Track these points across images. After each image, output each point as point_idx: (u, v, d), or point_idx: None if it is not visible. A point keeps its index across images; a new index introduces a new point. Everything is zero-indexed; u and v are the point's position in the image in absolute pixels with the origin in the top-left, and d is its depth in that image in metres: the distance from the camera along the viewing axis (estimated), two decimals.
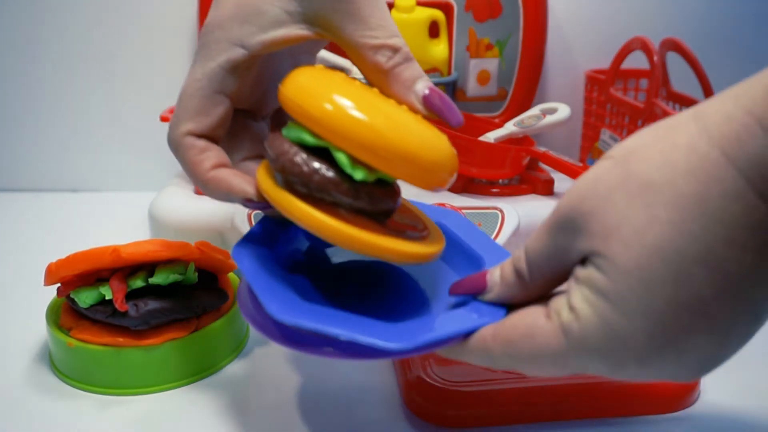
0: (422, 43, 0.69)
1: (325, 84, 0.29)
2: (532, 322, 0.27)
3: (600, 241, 0.24)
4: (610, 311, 0.24)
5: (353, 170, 0.29)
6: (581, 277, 0.25)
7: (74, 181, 0.80)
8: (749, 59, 0.81)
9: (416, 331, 0.28)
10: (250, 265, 0.31)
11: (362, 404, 0.39)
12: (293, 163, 0.29)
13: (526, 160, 0.61)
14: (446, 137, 0.31)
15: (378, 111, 0.28)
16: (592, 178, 0.25)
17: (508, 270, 0.29)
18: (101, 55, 0.76)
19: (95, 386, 0.40)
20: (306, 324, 0.27)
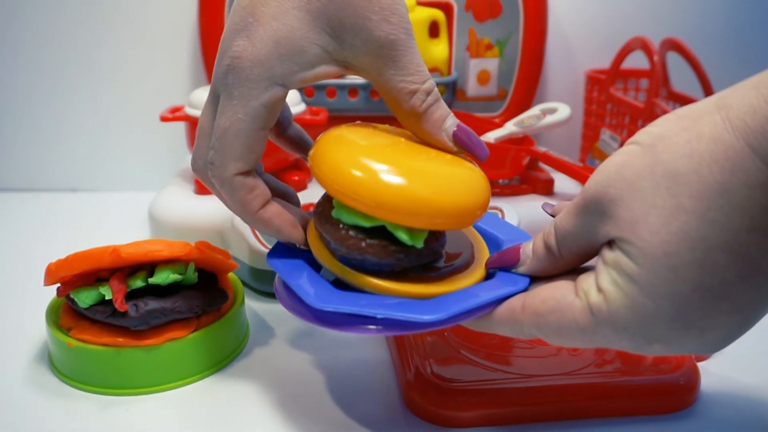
0: (422, 43, 0.68)
1: (362, 161, 0.30)
2: (562, 298, 0.28)
3: (627, 227, 0.25)
4: (638, 294, 0.25)
5: (414, 241, 0.31)
6: (609, 261, 0.27)
7: (74, 181, 0.80)
8: (749, 59, 0.81)
9: (448, 303, 0.30)
10: (284, 266, 0.34)
11: (362, 404, 0.39)
12: (359, 248, 0.31)
13: (526, 160, 0.61)
14: (479, 169, 0.33)
15: (421, 176, 0.30)
16: (619, 163, 0.26)
17: (539, 245, 0.31)
18: (101, 55, 0.76)
19: (95, 386, 0.40)
20: (344, 308, 0.29)
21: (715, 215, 0.23)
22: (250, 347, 0.45)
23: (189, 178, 0.63)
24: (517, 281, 0.31)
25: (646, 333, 0.26)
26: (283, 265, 0.34)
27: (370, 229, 0.31)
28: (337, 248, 0.32)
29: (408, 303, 0.30)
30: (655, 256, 0.25)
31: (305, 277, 0.33)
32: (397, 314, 0.29)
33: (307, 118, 0.61)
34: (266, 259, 0.35)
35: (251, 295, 0.53)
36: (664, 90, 0.74)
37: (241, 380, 0.42)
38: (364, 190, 0.29)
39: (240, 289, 0.46)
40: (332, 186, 0.30)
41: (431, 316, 0.29)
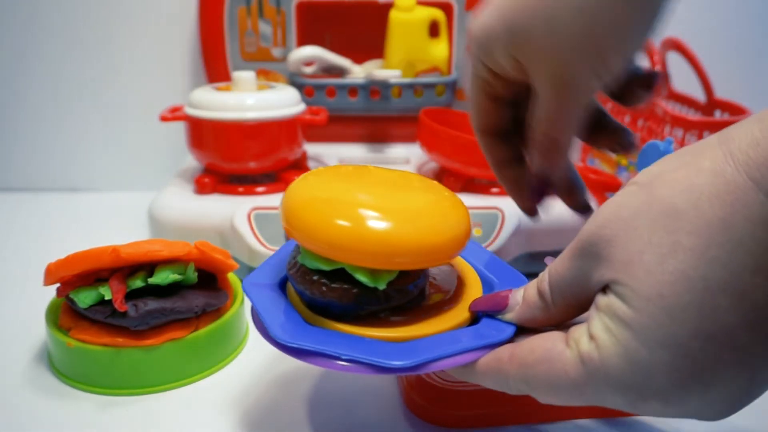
0: (422, 42, 0.68)
1: (317, 205, 0.30)
2: (551, 347, 0.26)
3: (622, 268, 0.24)
4: (632, 341, 0.23)
5: (377, 283, 0.30)
6: (602, 306, 0.25)
7: (74, 181, 0.80)
8: (750, 59, 0.81)
9: (419, 348, 0.29)
10: (259, 293, 0.33)
11: (362, 404, 0.39)
12: (321, 292, 0.30)
13: None
14: (458, 204, 0.32)
15: (380, 214, 0.29)
16: (615, 203, 0.25)
17: (532, 291, 0.29)
18: (101, 55, 0.76)
19: (94, 386, 0.40)
20: (308, 346, 0.28)
21: (716, 253, 0.22)
22: (250, 347, 0.45)
23: (189, 178, 0.63)
24: (503, 329, 0.29)
25: (641, 387, 0.23)
26: (258, 293, 0.33)
27: (333, 273, 0.30)
28: (302, 292, 0.31)
29: (378, 345, 0.29)
30: (649, 298, 0.23)
31: (278, 308, 0.32)
32: (362, 357, 0.28)
33: (307, 117, 0.61)
34: (242, 286, 0.34)
35: None
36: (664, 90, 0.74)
37: (241, 380, 0.41)
38: (317, 232, 0.29)
39: (240, 289, 0.46)
40: (291, 231, 0.30)
41: (400, 362, 0.27)
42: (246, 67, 0.71)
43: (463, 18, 0.71)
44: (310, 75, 0.69)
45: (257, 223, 0.53)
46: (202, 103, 0.58)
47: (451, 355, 0.28)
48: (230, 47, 0.71)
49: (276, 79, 0.72)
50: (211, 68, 0.72)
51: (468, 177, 0.59)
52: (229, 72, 0.71)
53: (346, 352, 0.28)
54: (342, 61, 0.70)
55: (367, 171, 0.34)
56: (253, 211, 0.54)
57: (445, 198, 0.32)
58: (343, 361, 0.28)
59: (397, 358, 0.28)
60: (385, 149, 0.74)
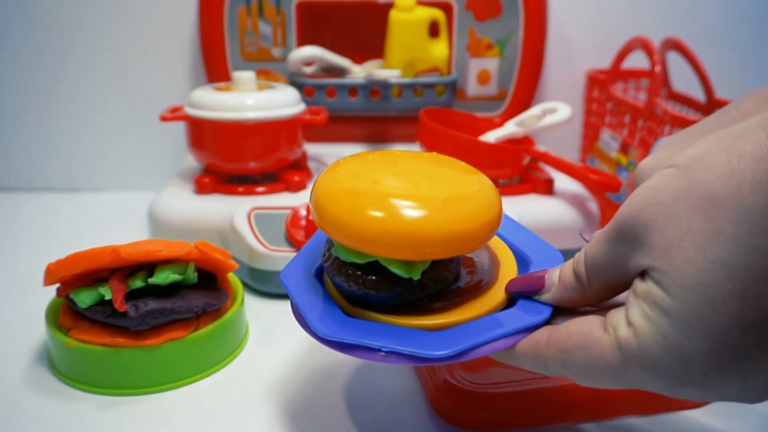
0: (422, 42, 0.68)
1: (346, 198, 0.29)
2: (589, 333, 0.26)
3: (660, 255, 0.23)
4: (671, 329, 0.23)
5: (411, 274, 0.30)
6: (640, 292, 0.24)
7: (74, 181, 0.80)
8: (750, 58, 0.81)
9: (459, 336, 0.29)
10: (295, 283, 0.33)
11: (362, 404, 0.39)
12: (357, 284, 0.30)
13: (526, 160, 0.61)
14: (487, 185, 0.31)
15: (408, 205, 0.28)
16: (653, 186, 0.24)
17: (568, 272, 0.29)
18: (101, 55, 0.76)
19: (94, 386, 0.40)
20: (346, 339, 0.28)
21: (758, 242, 0.21)
22: (250, 347, 0.45)
23: (189, 178, 0.63)
24: (540, 311, 0.29)
25: (679, 373, 0.23)
26: (295, 285, 0.33)
27: (367, 265, 0.30)
28: (339, 284, 0.31)
29: (418, 335, 0.29)
30: (689, 287, 0.22)
31: (316, 300, 0.32)
32: (402, 348, 0.28)
33: (307, 117, 0.61)
34: (280, 277, 0.34)
35: (251, 295, 0.53)
36: (664, 90, 0.74)
37: (241, 380, 0.41)
38: (348, 227, 0.29)
39: (240, 289, 0.46)
40: (323, 225, 0.30)
41: (440, 351, 0.28)
42: (246, 67, 0.71)
43: (463, 18, 0.71)
44: (310, 75, 0.69)
45: (257, 223, 0.53)
46: (202, 103, 0.58)
47: (489, 340, 0.28)
48: (230, 47, 0.71)
49: (276, 79, 0.72)
50: (211, 68, 0.72)
51: None
52: (229, 72, 0.71)
53: (386, 343, 0.28)
54: (342, 61, 0.70)
55: (394, 157, 0.34)
56: (253, 211, 0.54)
57: (474, 181, 0.31)
58: (383, 352, 0.28)
59: (437, 347, 0.28)
60: (385, 149, 0.73)
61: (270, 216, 0.54)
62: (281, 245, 0.52)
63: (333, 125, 0.69)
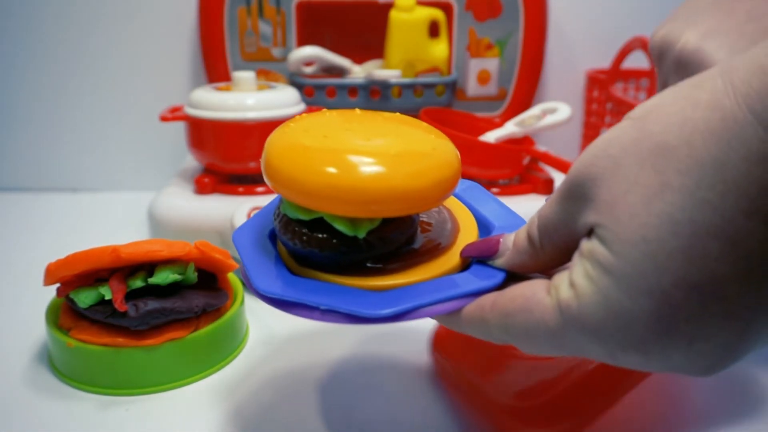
0: (422, 42, 0.68)
1: (292, 153, 0.28)
2: (531, 296, 0.25)
3: (605, 210, 0.22)
4: (612, 288, 0.21)
5: (356, 232, 0.29)
6: (584, 251, 0.23)
7: (74, 181, 0.80)
8: None
9: (405, 296, 0.27)
10: (246, 242, 0.32)
11: (361, 405, 0.39)
12: (302, 241, 0.29)
13: (526, 160, 0.61)
14: (446, 144, 0.30)
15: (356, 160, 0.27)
16: (605, 139, 0.23)
17: (522, 236, 0.27)
18: (101, 55, 0.76)
19: (95, 386, 0.40)
20: (285, 297, 0.27)
21: (707, 195, 0.20)
22: (250, 347, 0.45)
23: (189, 178, 0.63)
24: (492, 275, 0.28)
25: (620, 337, 0.22)
26: (245, 244, 0.32)
27: (313, 222, 0.29)
28: (286, 242, 0.30)
29: (361, 294, 0.28)
30: (632, 242, 0.21)
31: (264, 259, 0.31)
32: (340, 306, 0.27)
33: None
34: (232, 237, 0.33)
35: (251, 295, 0.53)
36: None
37: (241, 380, 0.41)
38: (291, 181, 0.28)
39: (240, 289, 0.46)
40: (269, 179, 0.29)
41: (381, 310, 0.26)
42: (246, 67, 0.71)
43: (463, 18, 0.71)
44: (310, 75, 0.69)
45: None
46: (202, 103, 0.58)
47: (434, 302, 0.27)
48: (230, 47, 0.71)
49: (276, 79, 0.72)
50: (211, 68, 0.72)
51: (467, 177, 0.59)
52: (229, 72, 0.71)
53: (327, 301, 0.27)
54: (342, 61, 0.70)
55: (353, 115, 0.32)
56: (253, 211, 0.54)
57: (431, 139, 0.30)
58: (321, 311, 0.27)
59: (378, 306, 0.27)
60: None
61: None
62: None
63: None
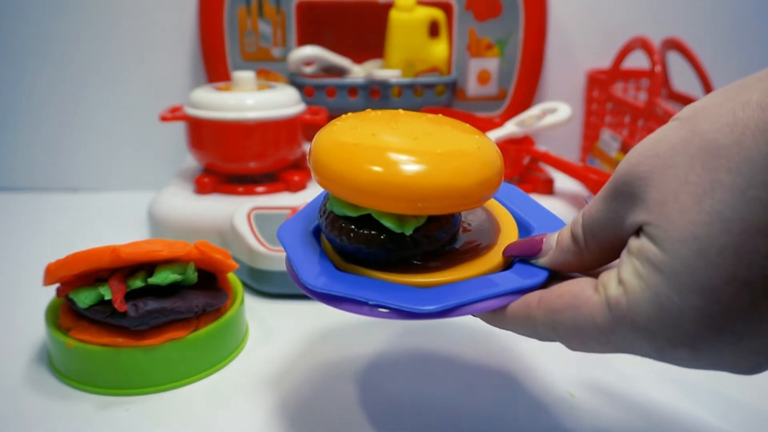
0: (422, 42, 0.68)
1: (341, 150, 0.29)
2: (579, 292, 0.25)
3: (655, 209, 0.22)
4: (662, 286, 0.22)
5: (404, 229, 0.29)
6: (633, 249, 0.23)
7: (74, 181, 0.80)
8: (750, 58, 0.81)
9: (450, 293, 0.28)
10: (291, 238, 0.33)
11: (360, 405, 0.39)
12: (349, 238, 0.30)
13: (526, 160, 0.61)
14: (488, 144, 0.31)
15: (403, 158, 0.28)
16: (654, 138, 0.23)
17: (565, 235, 0.28)
18: (101, 55, 0.76)
19: (94, 386, 0.40)
20: (334, 291, 0.28)
21: (758, 192, 0.20)
22: (250, 347, 0.45)
23: (189, 178, 0.63)
24: (535, 274, 0.28)
25: (669, 334, 0.22)
26: (291, 240, 0.33)
27: (360, 219, 0.30)
28: (332, 239, 0.31)
29: (408, 291, 0.28)
30: (683, 240, 0.21)
31: (310, 255, 0.32)
32: (389, 301, 0.27)
33: (307, 117, 0.61)
34: (277, 233, 0.34)
35: (251, 295, 0.53)
36: (664, 90, 0.74)
37: (241, 380, 0.41)
38: (340, 178, 0.28)
39: (240, 289, 0.46)
40: (317, 176, 0.30)
41: (428, 306, 0.27)
42: (246, 67, 0.71)
43: (463, 18, 0.71)
44: (310, 75, 0.69)
45: (257, 223, 0.53)
46: (202, 103, 0.58)
47: (480, 299, 0.28)
48: (230, 47, 0.71)
49: (276, 79, 0.72)
50: (211, 68, 0.72)
51: None
52: (229, 72, 0.71)
53: (375, 297, 0.27)
54: (342, 61, 0.70)
55: (397, 115, 0.33)
56: (253, 211, 0.54)
57: (475, 140, 0.30)
58: (370, 305, 0.28)
59: (426, 303, 0.27)
60: None
61: (270, 216, 0.54)
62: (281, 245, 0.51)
63: None
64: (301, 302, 0.51)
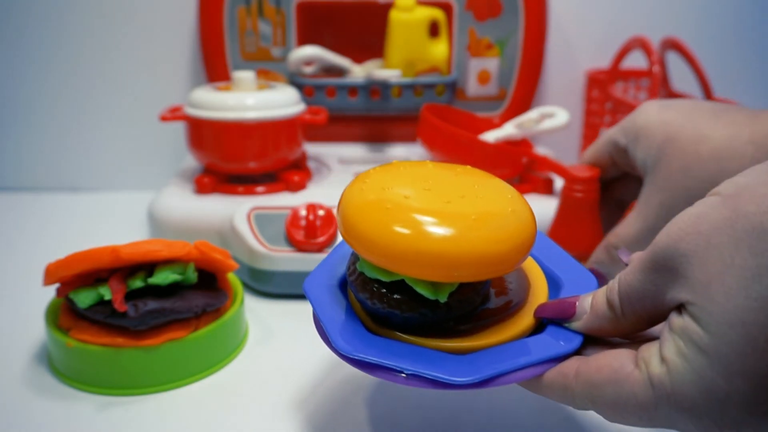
0: (422, 42, 0.68)
1: (372, 213, 0.28)
2: (620, 368, 0.25)
3: (700, 288, 0.22)
4: (708, 369, 0.22)
5: (438, 296, 0.29)
6: (676, 327, 0.23)
7: (74, 181, 0.80)
8: (749, 59, 0.81)
9: (484, 361, 0.28)
10: (319, 294, 0.32)
11: (360, 405, 0.39)
12: (382, 302, 0.29)
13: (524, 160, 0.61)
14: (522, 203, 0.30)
15: (437, 224, 0.27)
16: (694, 214, 0.23)
17: (601, 300, 0.27)
18: (101, 55, 0.75)
19: (94, 387, 0.40)
20: (368, 358, 0.28)
21: None
22: (250, 347, 0.45)
23: (189, 178, 0.63)
24: (569, 339, 0.28)
25: (715, 416, 0.22)
26: (319, 297, 0.32)
27: (393, 283, 0.29)
28: (363, 300, 0.30)
29: (442, 358, 0.28)
30: (729, 324, 0.21)
31: (339, 313, 0.31)
32: (425, 371, 0.27)
33: (307, 117, 0.61)
34: (303, 287, 0.33)
35: (251, 295, 0.53)
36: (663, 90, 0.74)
37: (241, 380, 0.42)
38: (373, 244, 0.27)
39: (240, 289, 0.46)
40: (348, 239, 0.29)
41: (464, 378, 0.26)
42: (246, 67, 0.71)
43: (463, 18, 0.71)
44: (310, 75, 0.69)
45: (257, 223, 0.53)
46: (202, 103, 0.58)
47: (515, 369, 0.27)
48: (230, 47, 0.71)
49: (276, 79, 0.72)
50: (211, 68, 0.72)
51: None
52: (229, 72, 0.71)
53: (409, 365, 0.27)
54: (342, 61, 0.70)
55: (426, 169, 0.32)
56: (253, 211, 0.54)
57: (509, 200, 0.30)
58: (405, 375, 0.27)
59: (461, 373, 0.27)
60: (385, 149, 0.74)
61: (270, 216, 0.54)
62: (281, 245, 0.52)
63: (333, 125, 0.69)
64: (301, 302, 0.52)
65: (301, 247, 0.51)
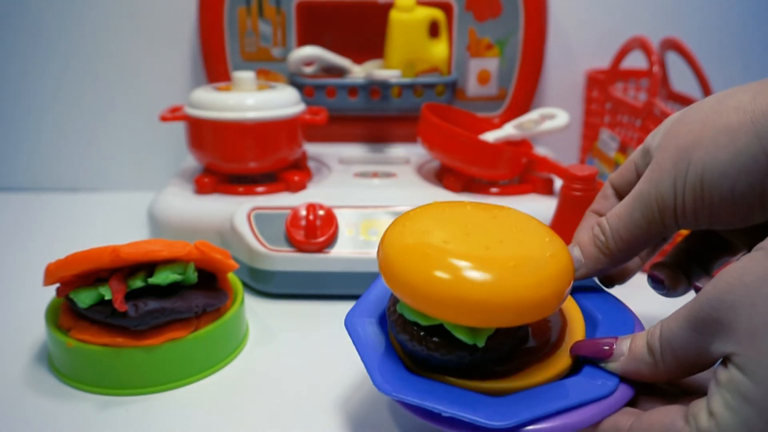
0: (422, 42, 0.68)
1: (412, 259, 0.29)
2: (671, 424, 0.25)
3: (745, 340, 0.23)
4: (755, 419, 0.22)
5: (476, 340, 0.29)
6: (722, 380, 0.24)
7: (73, 181, 0.80)
8: (749, 59, 0.81)
9: (523, 404, 0.28)
10: (360, 332, 0.33)
11: (359, 406, 0.39)
12: (420, 345, 0.30)
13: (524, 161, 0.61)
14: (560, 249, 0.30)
15: (476, 270, 0.28)
16: (740, 267, 0.24)
17: (640, 344, 0.28)
18: (101, 55, 0.76)
19: (94, 386, 0.40)
20: (407, 399, 0.28)
21: None
22: (250, 347, 0.45)
23: (189, 178, 0.63)
24: (605, 381, 0.29)
25: None
26: (359, 333, 0.33)
27: (431, 327, 0.30)
28: (402, 342, 0.31)
29: (479, 400, 0.28)
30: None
31: (378, 350, 0.32)
32: (463, 414, 0.27)
33: (307, 117, 0.61)
34: (344, 323, 0.34)
35: (251, 295, 0.53)
36: (663, 90, 0.74)
37: (241, 380, 0.42)
38: (413, 289, 0.28)
39: (240, 289, 0.46)
40: (389, 282, 0.29)
41: (501, 422, 0.27)
42: (246, 67, 0.71)
43: (463, 18, 0.71)
44: (310, 75, 0.69)
45: (257, 223, 0.53)
46: (202, 103, 0.58)
47: (551, 414, 0.28)
48: (230, 47, 0.71)
49: (276, 79, 0.72)
50: (211, 68, 0.72)
51: (468, 176, 0.59)
52: (229, 72, 0.71)
53: (447, 407, 0.27)
54: (342, 61, 0.70)
55: (466, 212, 0.32)
56: (253, 211, 0.54)
57: (547, 244, 0.30)
58: (444, 417, 0.28)
59: (498, 416, 0.27)
60: (385, 149, 0.74)
61: (270, 216, 0.54)
62: (281, 245, 0.52)
63: (333, 125, 0.69)
64: (301, 302, 0.52)
65: (301, 247, 0.51)
